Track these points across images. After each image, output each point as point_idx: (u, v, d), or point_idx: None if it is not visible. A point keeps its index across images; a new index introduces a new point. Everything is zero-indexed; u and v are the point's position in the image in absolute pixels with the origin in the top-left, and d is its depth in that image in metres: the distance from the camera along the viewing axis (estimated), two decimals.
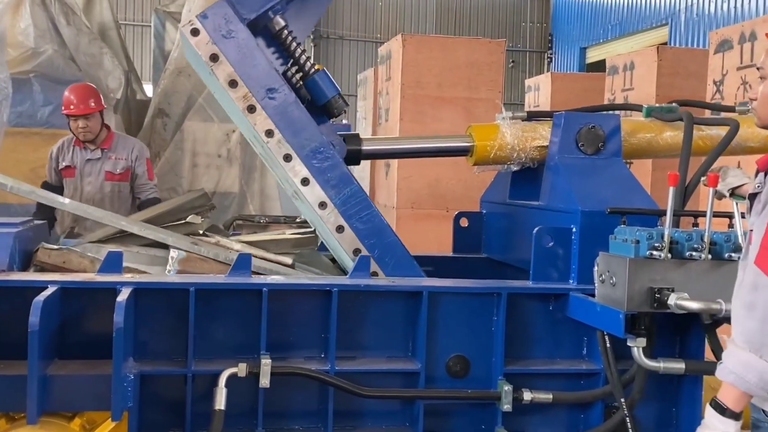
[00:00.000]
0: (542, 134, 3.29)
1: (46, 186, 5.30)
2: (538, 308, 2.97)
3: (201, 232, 3.36)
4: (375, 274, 2.97)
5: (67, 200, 3.69)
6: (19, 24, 6.45)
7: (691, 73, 6.99)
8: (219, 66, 2.91)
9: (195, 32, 2.91)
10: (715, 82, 5.90)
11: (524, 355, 2.96)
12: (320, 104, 3.14)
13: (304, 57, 3.14)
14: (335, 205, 2.96)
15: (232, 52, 2.91)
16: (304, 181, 2.96)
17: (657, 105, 3.51)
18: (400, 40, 6.92)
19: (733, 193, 3.07)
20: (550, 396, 2.83)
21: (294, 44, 3.12)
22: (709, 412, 1.96)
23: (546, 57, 23.96)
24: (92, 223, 5.28)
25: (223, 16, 2.91)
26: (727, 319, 2.61)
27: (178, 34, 6.99)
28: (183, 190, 6.53)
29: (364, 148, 3.32)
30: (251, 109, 2.92)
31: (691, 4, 16.88)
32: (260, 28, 3.06)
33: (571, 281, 2.94)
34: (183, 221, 3.41)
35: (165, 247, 3.17)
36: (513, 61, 22.81)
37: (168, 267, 3.01)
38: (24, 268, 3.03)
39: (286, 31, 3.09)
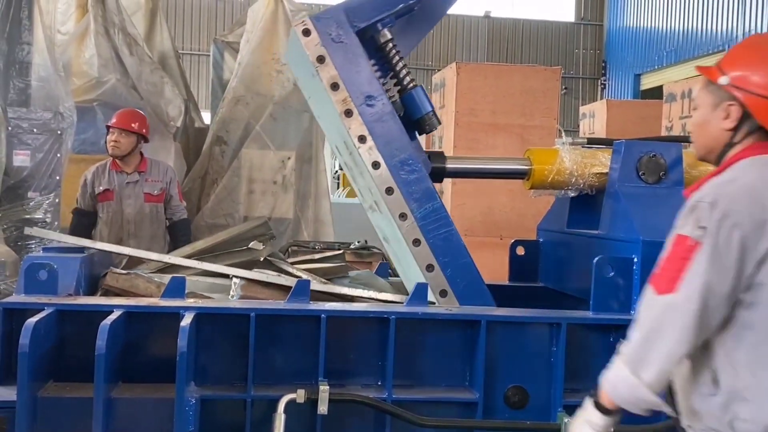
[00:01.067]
0: (602, 161, 3.27)
1: (77, 212, 5.44)
2: (598, 339, 2.93)
3: (262, 258, 3.40)
4: (444, 292, 2.97)
5: (127, 249, 3.68)
6: (84, 54, 6.66)
7: None
8: (324, 68, 2.98)
9: (306, 32, 2.98)
10: None
11: (584, 386, 2.91)
12: (414, 119, 3.19)
13: (404, 71, 3.21)
14: (415, 218, 2.98)
15: (339, 56, 2.98)
16: (389, 190, 2.98)
17: None
18: (454, 68, 6.94)
19: None
20: (611, 429, 2.77)
21: (397, 57, 3.19)
22: (586, 403, 2.11)
23: (599, 83, 23.79)
24: (135, 243, 5.42)
25: (335, 20, 2.99)
26: None
27: (236, 64, 7.13)
28: (239, 216, 6.63)
29: (448, 166, 3.36)
30: (348, 113, 2.98)
31: (749, 31, 16.60)
32: (367, 38, 3.13)
33: (632, 312, 2.89)
34: (245, 248, 3.46)
35: (225, 275, 3.22)
36: (566, 88, 22.69)
37: (231, 292, 3.05)
38: (90, 292, 3.11)
39: (391, 44, 3.16)
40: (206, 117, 8.15)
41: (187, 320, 2.52)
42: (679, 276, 1.87)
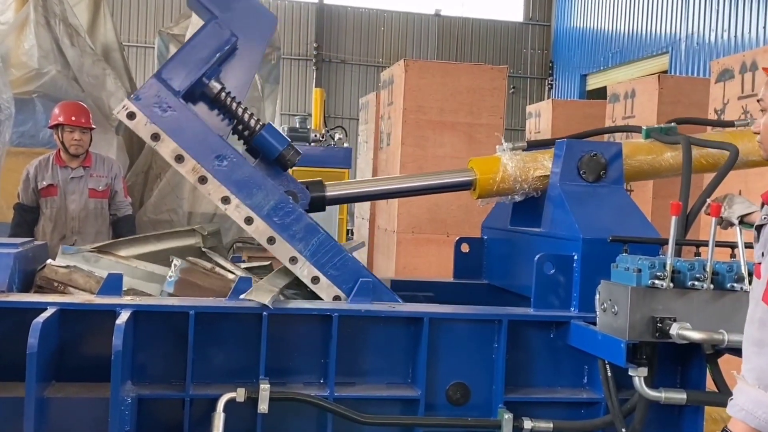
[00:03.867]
0: (544, 164, 3.30)
1: (19, 207, 5.30)
2: (539, 336, 2.95)
3: (202, 248, 3.36)
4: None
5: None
6: (23, 44, 6.48)
7: (692, 102, 7.02)
8: (162, 144, 2.88)
9: (131, 116, 2.88)
10: (716, 111, 5.92)
11: (525, 383, 2.94)
12: (272, 158, 3.14)
13: (247, 115, 3.12)
14: (306, 258, 2.93)
15: (172, 127, 2.88)
16: (270, 240, 2.93)
17: (656, 126, 3.51)
18: (402, 66, 6.95)
19: (743, 220, 3.06)
20: (551, 425, 2.81)
21: (234, 104, 3.10)
22: None
23: (547, 83, 24.10)
24: (79, 240, 5.33)
25: (155, 94, 2.88)
26: (729, 350, 2.60)
27: None
28: (183, 212, 6.53)
29: (328, 194, 3.31)
30: (203, 180, 2.89)
31: (692, 33, 17.00)
32: (198, 95, 3.05)
33: (572, 309, 2.93)
34: (190, 228, 3.43)
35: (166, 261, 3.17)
36: (514, 87, 22.95)
37: (170, 273, 2.99)
38: (25, 289, 3.02)
39: (223, 94, 3.08)
40: None
41: (123, 318, 2.47)
42: None
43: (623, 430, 2.71)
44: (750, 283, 2.42)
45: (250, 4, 3.15)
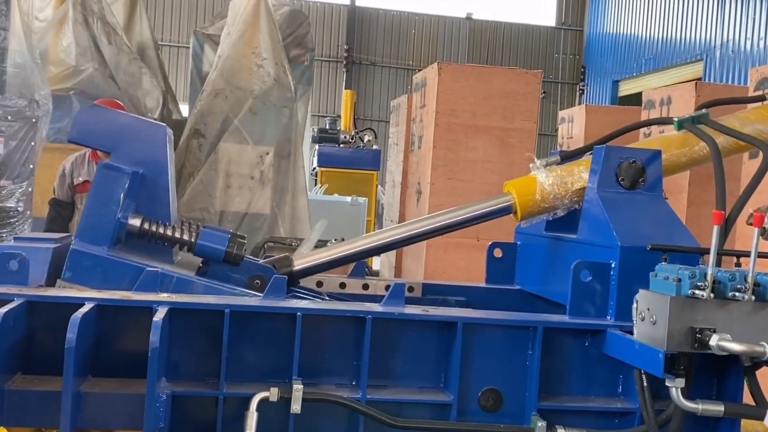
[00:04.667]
0: (582, 176, 3.26)
1: (55, 203, 5.38)
2: (574, 344, 2.92)
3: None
4: None
5: None
6: (62, 42, 6.59)
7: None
8: None
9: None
10: None
11: (558, 391, 2.91)
12: (221, 261, 3.14)
13: (177, 234, 3.12)
14: None
15: (106, 285, 2.87)
16: None
17: (688, 115, 3.43)
18: (435, 68, 6.95)
19: None
20: None
21: (161, 229, 3.10)
22: None
23: (578, 89, 23.96)
24: None
25: (80, 261, 2.91)
26: (767, 363, 2.56)
27: (216, 57, 7.07)
28: (215, 211, 6.59)
29: (296, 268, 3.29)
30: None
31: (728, 41, 16.79)
32: (125, 236, 3.06)
33: (608, 317, 2.90)
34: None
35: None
36: (545, 92, 22.82)
37: None
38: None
39: (146, 224, 3.07)
40: (184, 109, 8.09)
41: (160, 315, 2.48)
42: None
43: None
44: None
45: (136, 130, 3.16)
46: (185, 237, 3.14)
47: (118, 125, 3.15)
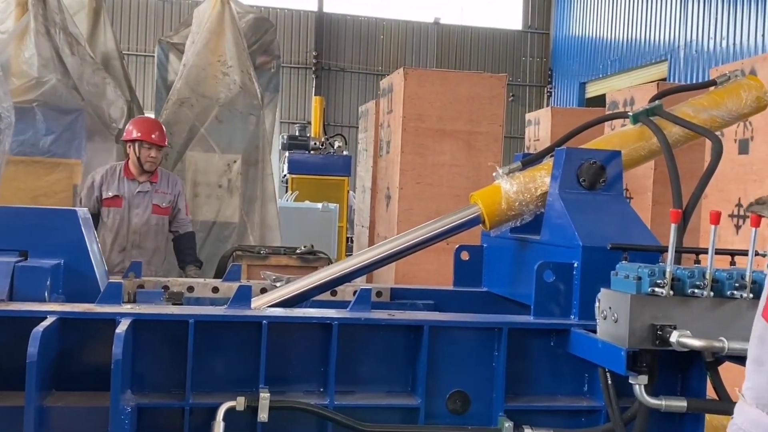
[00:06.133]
0: (544, 180, 3.29)
1: None
2: (539, 344, 2.95)
3: None
4: None
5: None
6: (24, 53, 6.50)
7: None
8: None
9: None
10: None
11: (525, 391, 2.94)
12: None
13: None
14: None
15: None
16: None
17: (643, 108, 3.45)
18: (401, 74, 6.97)
19: None
20: None
21: None
22: None
23: (546, 91, 24.15)
24: (137, 253, 5.40)
25: None
26: (729, 358, 2.60)
27: (181, 65, 7.04)
28: None
29: None
30: None
31: (691, 41, 17.04)
32: None
33: (572, 317, 2.93)
34: None
35: None
36: (513, 95, 23.00)
37: None
38: None
39: None
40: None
41: (122, 327, 2.47)
42: None
43: None
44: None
45: (47, 222, 3.16)
46: None
47: (28, 222, 3.12)
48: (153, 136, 5.47)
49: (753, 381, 1.84)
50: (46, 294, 2.91)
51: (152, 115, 7.78)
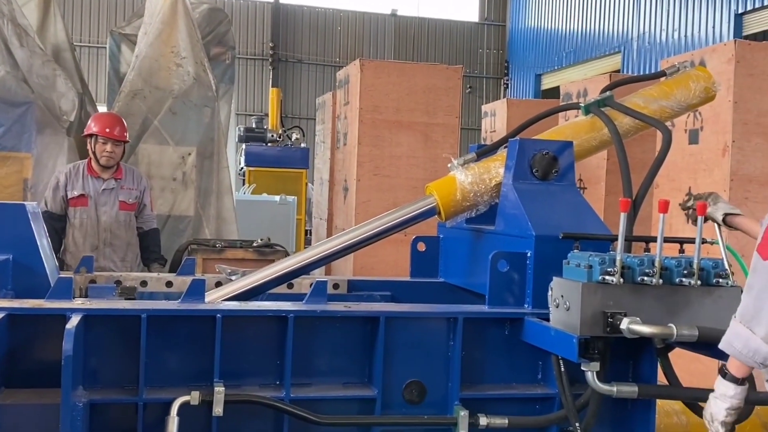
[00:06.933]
0: (498, 171, 3.31)
1: (48, 215, 5.18)
2: (494, 333, 2.98)
3: None
4: None
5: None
6: None
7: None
8: None
9: None
10: None
11: (480, 380, 2.96)
12: None
13: None
14: None
15: None
16: None
17: (594, 99, 3.49)
18: (358, 65, 6.96)
19: (725, 220, 3.35)
20: (506, 421, 2.83)
21: None
22: (717, 378, 2.36)
23: (502, 83, 24.32)
24: (111, 251, 5.31)
25: None
26: (679, 344, 2.65)
27: (134, 56, 6.92)
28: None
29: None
30: None
31: (644, 33, 17.30)
32: None
33: (526, 306, 2.96)
34: None
35: None
36: (470, 87, 23.12)
37: None
38: None
39: None
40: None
41: (73, 322, 2.43)
42: None
43: (577, 424, 2.74)
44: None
45: None
46: None
47: None
48: (107, 130, 5.38)
49: (742, 302, 2.29)
50: None
51: (104, 108, 7.66)
